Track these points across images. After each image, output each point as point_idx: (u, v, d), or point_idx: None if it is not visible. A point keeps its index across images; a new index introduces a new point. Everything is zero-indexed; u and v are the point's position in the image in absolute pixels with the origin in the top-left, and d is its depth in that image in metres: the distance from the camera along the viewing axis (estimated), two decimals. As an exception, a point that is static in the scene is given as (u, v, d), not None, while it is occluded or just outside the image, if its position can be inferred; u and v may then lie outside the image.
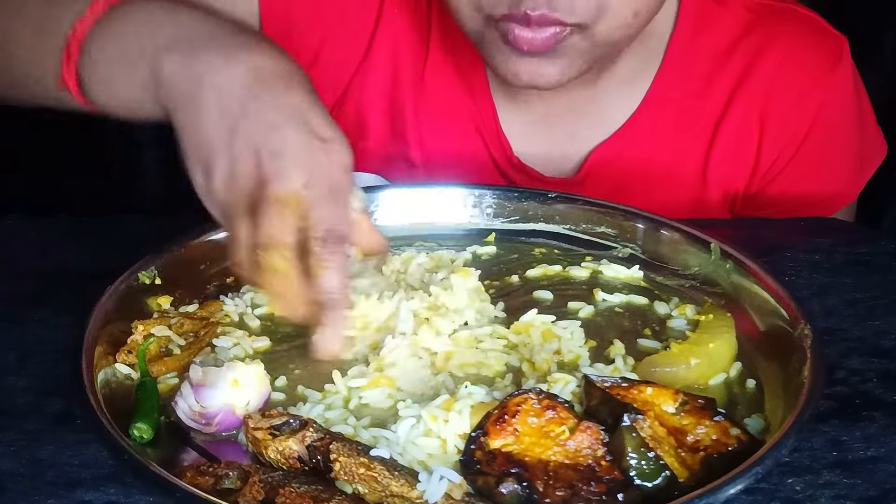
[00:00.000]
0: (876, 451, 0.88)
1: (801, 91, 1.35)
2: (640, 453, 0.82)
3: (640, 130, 1.36)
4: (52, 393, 0.94)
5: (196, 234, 1.13)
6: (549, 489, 0.80)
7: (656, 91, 1.35)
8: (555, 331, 1.01)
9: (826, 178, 1.39)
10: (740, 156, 1.37)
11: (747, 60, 1.35)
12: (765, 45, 1.35)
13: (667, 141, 1.36)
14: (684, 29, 1.34)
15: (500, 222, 1.23)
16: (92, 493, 0.83)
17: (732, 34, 1.35)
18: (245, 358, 1.00)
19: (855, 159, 1.42)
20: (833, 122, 1.37)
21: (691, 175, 1.37)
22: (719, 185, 1.38)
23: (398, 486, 0.80)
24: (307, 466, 0.84)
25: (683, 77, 1.35)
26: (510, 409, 0.87)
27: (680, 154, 1.37)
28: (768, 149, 1.36)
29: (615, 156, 1.36)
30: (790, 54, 1.35)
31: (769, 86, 1.35)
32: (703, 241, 1.13)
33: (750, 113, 1.35)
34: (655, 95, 1.35)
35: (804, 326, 0.96)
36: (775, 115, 1.35)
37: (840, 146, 1.40)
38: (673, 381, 0.95)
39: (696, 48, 1.35)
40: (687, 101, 1.36)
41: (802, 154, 1.36)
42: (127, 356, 0.98)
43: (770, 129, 1.35)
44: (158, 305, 1.06)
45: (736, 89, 1.35)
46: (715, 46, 1.35)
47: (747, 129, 1.36)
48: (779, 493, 0.83)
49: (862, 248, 1.20)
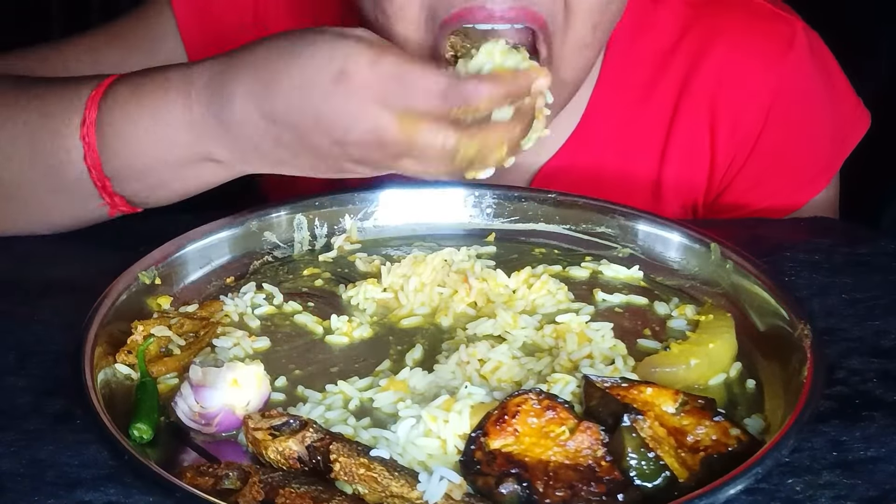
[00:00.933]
0: (876, 451, 0.88)
1: (751, 83, 1.29)
2: (640, 454, 0.82)
3: (587, 142, 1.33)
4: (52, 393, 0.94)
5: (196, 235, 1.13)
6: (548, 489, 0.80)
7: (597, 102, 1.32)
8: (588, 333, 1.01)
9: (793, 168, 1.34)
10: (694, 160, 1.32)
11: (690, 59, 1.30)
12: (708, 40, 1.29)
13: (615, 151, 1.33)
14: (622, 35, 1.29)
15: (500, 222, 1.23)
16: (92, 493, 0.83)
17: (673, 33, 1.31)
18: (245, 358, 1.00)
19: (826, 140, 1.36)
20: (791, 109, 1.31)
21: (644, 184, 1.33)
22: (676, 192, 1.34)
23: (398, 486, 0.80)
24: (307, 467, 0.84)
25: (624, 85, 1.31)
26: (510, 409, 0.87)
27: (630, 163, 1.33)
28: (723, 149, 1.32)
29: (564, 169, 1.33)
30: (736, 46, 1.29)
31: (716, 83, 1.30)
32: (703, 241, 1.13)
33: (698, 114, 1.31)
34: (597, 106, 1.32)
35: (804, 326, 0.96)
36: (725, 113, 1.30)
37: (804, 131, 1.34)
38: (673, 381, 0.95)
39: (635, 53, 1.31)
40: (631, 109, 1.32)
41: (760, 149, 1.31)
42: (127, 356, 0.98)
43: (721, 128, 1.31)
44: (158, 305, 1.06)
45: (682, 91, 1.30)
46: (655, 49, 1.31)
47: (698, 132, 1.31)
48: (779, 494, 0.83)
49: (862, 248, 1.20)
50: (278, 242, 1.18)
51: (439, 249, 1.16)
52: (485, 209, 1.23)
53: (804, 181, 1.35)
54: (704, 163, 1.33)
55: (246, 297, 1.09)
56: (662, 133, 1.33)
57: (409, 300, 1.08)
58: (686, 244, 1.14)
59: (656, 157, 1.33)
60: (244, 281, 1.13)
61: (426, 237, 1.21)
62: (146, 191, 1.12)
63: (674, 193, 1.34)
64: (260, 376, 0.92)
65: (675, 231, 1.16)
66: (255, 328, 1.06)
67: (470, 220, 1.23)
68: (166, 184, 1.11)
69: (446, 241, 1.20)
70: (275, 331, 1.05)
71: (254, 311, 1.08)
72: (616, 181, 1.33)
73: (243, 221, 1.16)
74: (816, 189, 1.36)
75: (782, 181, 1.34)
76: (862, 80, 1.40)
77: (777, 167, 1.33)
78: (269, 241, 1.18)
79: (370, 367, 0.99)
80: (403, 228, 1.22)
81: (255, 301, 1.09)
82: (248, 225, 1.17)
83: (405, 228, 1.22)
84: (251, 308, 1.08)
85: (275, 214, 1.18)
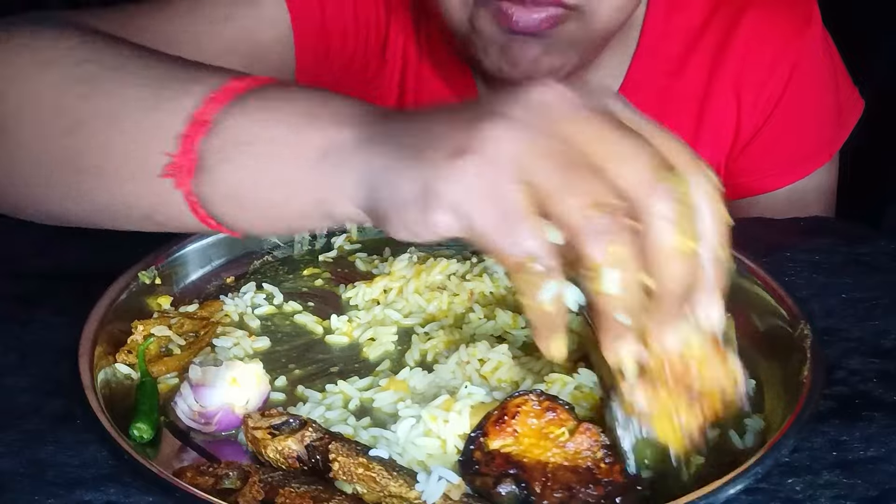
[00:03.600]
0: (876, 451, 0.88)
1: (774, 57, 1.36)
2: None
3: None
4: (52, 393, 0.94)
5: (196, 235, 1.13)
6: (546, 491, 0.80)
7: (634, 75, 1.36)
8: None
9: (802, 138, 1.41)
10: (722, 129, 1.39)
11: (720, 36, 1.36)
12: (735, 18, 1.36)
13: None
14: (657, 11, 1.35)
15: (501, 222, 1.22)
16: (92, 493, 0.83)
17: (704, 11, 1.37)
18: (245, 358, 1.00)
19: (832, 117, 1.44)
20: (807, 82, 1.38)
21: None
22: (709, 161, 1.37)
23: (397, 486, 0.80)
24: (306, 466, 0.84)
25: (659, 58, 1.36)
26: (510, 409, 0.87)
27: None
28: (746, 117, 1.38)
29: None
30: (760, 23, 1.36)
31: (742, 57, 1.36)
32: (703, 241, 1.12)
33: (726, 86, 1.37)
34: (634, 79, 1.36)
35: (804, 326, 0.96)
36: (750, 83, 1.37)
37: (814, 106, 1.41)
38: (673, 381, 0.95)
39: (669, 29, 1.36)
40: (665, 81, 1.37)
41: (777, 115, 1.38)
42: (127, 356, 0.98)
43: (746, 97, 1.37)
44: (158, 305, 1.07)
45: (712, 65, 1.36)
46: (687, 25, 1.37)
47: (726, 103, 1.37)
48: (779, 493, 0.83)
49: (862, 248, 1.20)
50: (278, 242, 1.18)
51: (439, 249, 1.17)
52: (485, 209, 1.23)
53: (811, 152, 1.43)
54: (730, 130, 1.39)
55: (246, 297, 1.09)
56: (696, 105, 1.38)
57: (409, 300, 1.08)
58: (686, 244, 1.14)
59: (691, 127, 1.38)
60: (244, 281, 1.13)
61: (426, 237, 1.21)
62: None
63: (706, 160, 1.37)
64: (259, 375, 0.92)
65: (675, 231, 1.15)
66: (255, 328, 1.06)
67: (470, 220, 1.23)
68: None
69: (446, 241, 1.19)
70: (275, 331, 1.05)
71: (254, 311, 1.08)
72: None
73: (243, 221, 1.16)
74: (820, 161, 1.43)
75: (793, 147, 1.42)
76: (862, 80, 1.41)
77: (790, 133, 1.40)
78: (269, 240, 1.18)
79: (370, 367, 1.00)
80: (403, 228, 1.22)
81: (255, 301, 1.09)
82: (248, 225, 1.16)
83: (405, 228, 1.22)
84: (251, 308, 1.08)
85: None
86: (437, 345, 1.01)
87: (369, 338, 1.03)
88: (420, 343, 1.02)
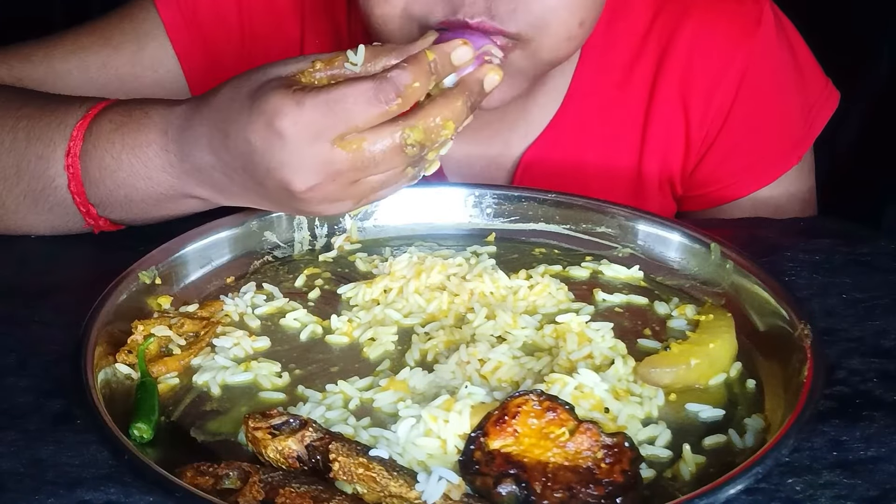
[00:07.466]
0: (876, 451, 0.88)
1: (720, 63, 1.32)
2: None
3: (568, 127, 1.34)
4: (52, 393, 0.94)
5: (196, 235, 1.13)
6: (546, 490, 0.80)
7: (578, 86, 1.34)
8: (588, 333, 1.01)
9: (762, 144, 1.36)
10: (671, 140, 1.35)
11: (663, 41, 1.33)
12: (678, 21, 1.32)
13: (596, 135, 1.35)
14: (599, 19, 1.27)
15: (501, 222, 1.23)
16: (92, 493, 0.83)
17: (647, 16, 1.33)
18: (245, 358, 1.00)
19: (796, 118, 1.38)
20: (761, 87, 1.34)
21: (626, 166, 1.35)
22: (656, 172, 1.36)
23: (397, 486, 0.80)
24: (306, 466, 0.84)
25: (603, 68, 1.33)
26: (510, 410, 0.87)
27: (612, 146, 1.35)
28: (696, 127, 1.34)
29: (546, 155, 1.34)
30: (704, 27, 1.32)
31: (685, 64, 1.32)
32: (703, 241, 1.13)
33: (672, 95, 1.33)
34: (577, 90, 1.34)
35: (804, 326, 0.96)
36: (696, 92, 1.33)
37: (773, 110, 1.37)
38: (673, 381, 0.95)
39: (612, 37, 1.33)
40: (610, 92, 1.34)
41: (731, 124, 1.34)
42: (127, 356, 0.98)
43: (694, 106, 1.34)
44: (158, 305, 1.06)
45: (657, 73, 1.33)
46: (631, 32, 1.33)
47: (673, 112, 1.34)
48: (779, 493, 0.83)
49: (862, 248, 1.20)
50: (278, 242, 1.18)
51: (439, 249, 1.17)
52: (485, 209, 1.23)
53: (775, 157, 1.38)
54: (680, 141, 1.36)
55: (246, 296, 1.09)
56: (641, 115, 1.35)
57: (409, 300, 1.08)
58: (686, 244, 1.14)
59: (637, 140, 1.35)
60: (244, 281, 1.13)
61: (426, 237, 1.21)
62: (130, 217, 1.15)
63: (654, 174, 1.36)
64: None
65: (675, 231, 1.16)
66: (255, 328, 1.06)
67: (470, 221, 1.23)
68: (149, 212, 1.13)
69: (446, 241, 1.20)
70: (275, 331, 1.05)
71: (254, 311, 1.08)
72: (597, 163, 1.35)
73: (243, 221, 1.16)
74: (788, 165, 1.38)
75: (753, 156, 1.37)
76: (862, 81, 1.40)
77: (748, 141, 1.36)
78: (269, 240, 1.18)
79: (370, 367, 1.00)
80: (403, 228, 1.22)
81: (255, 301, 1.09)
82: (249, 225, 1.16)
83: (405, 228, 1.22)
84: (251, 308, 1.08)
85: (275, 214, 1.17)
86: (437, 345, 1.01)
87: (369, 338, 1.03)
88: (420, 343, 1.02)
